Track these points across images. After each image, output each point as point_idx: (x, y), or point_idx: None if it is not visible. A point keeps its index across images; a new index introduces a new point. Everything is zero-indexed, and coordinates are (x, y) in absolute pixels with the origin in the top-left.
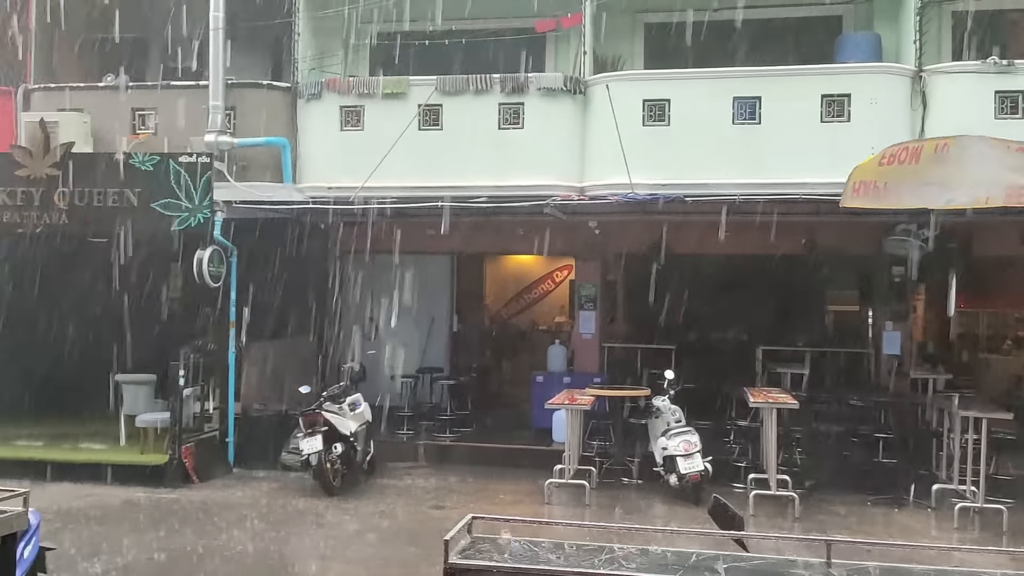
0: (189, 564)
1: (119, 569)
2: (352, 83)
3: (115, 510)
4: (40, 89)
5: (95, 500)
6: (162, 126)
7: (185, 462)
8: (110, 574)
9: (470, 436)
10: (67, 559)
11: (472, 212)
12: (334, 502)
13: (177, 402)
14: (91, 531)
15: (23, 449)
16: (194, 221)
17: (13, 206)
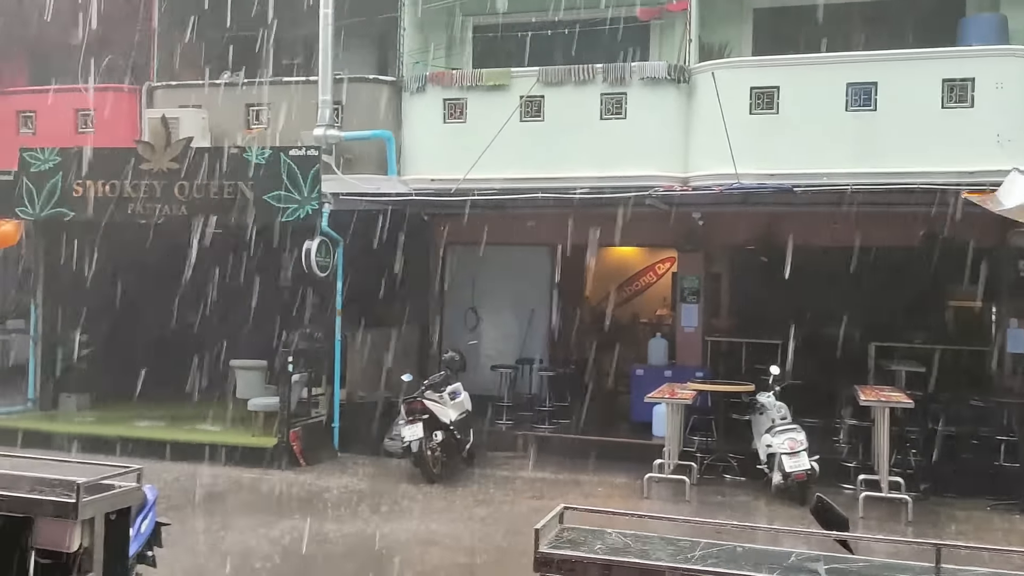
0: (296, 543)
1: (231, 545)
2: (455, 76)
3: (227, 489)
4: (162, 87)
5: (208, 479)
6: (275, 121)
7: (293, 446)
8: (223, 550)
9: (569, 428)
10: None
11: (573, 204)
12: (434, 489)
13: (286, 388)
14: (207, 507)
15: (145, 429)
16: (303, 213)
17: (137, 198)
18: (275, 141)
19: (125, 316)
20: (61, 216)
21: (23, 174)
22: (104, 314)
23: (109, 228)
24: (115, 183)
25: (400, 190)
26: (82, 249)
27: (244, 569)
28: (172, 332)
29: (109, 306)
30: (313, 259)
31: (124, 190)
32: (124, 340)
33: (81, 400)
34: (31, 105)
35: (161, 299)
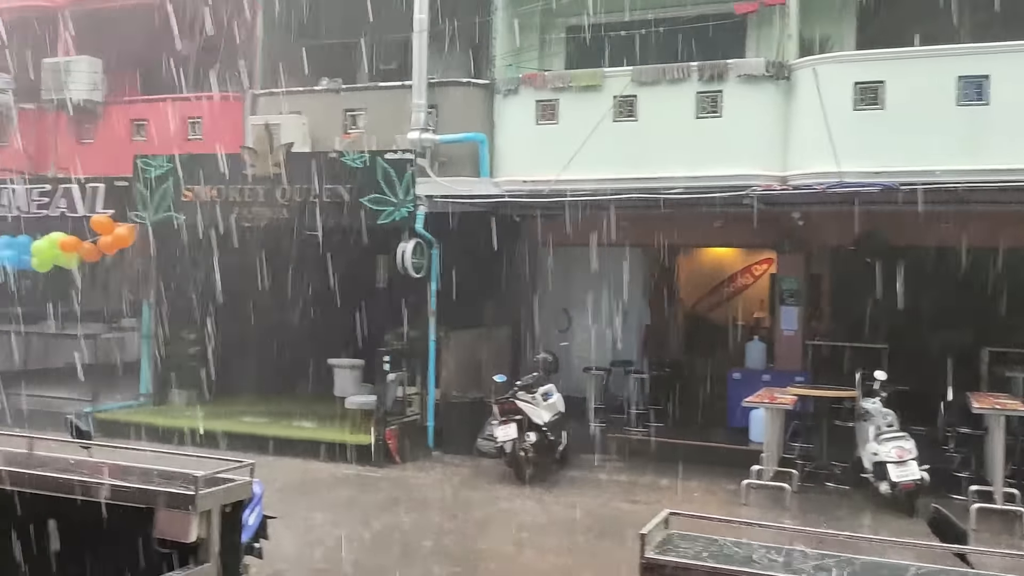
0: (392, 538)
1: (332, 539)
2: (547, 77)
3: (327, 484)
4: (265, 94)
5: (310, 474)
6: (371, 125)
7: (388, 443)
8: (324, 544)
9: (663, 431)
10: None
11: (667, 204)
12: (527, 490)
13: (382, 387)
14: (307, 502)
15: (249, 425)
16: (398, 215)
17: (242, 202)
18: (371, 145)
19: (230, 316)
20: (171, 220)
21: (137, 180)
22: (210, 314)
23: (215, 231)
24: (221, 188)
25: (493, 192)
26: (191, 251)
27: (343, 563)
28: (274, 331)
29: (215, 306)
30: (408, 260)
31: (229, 195)
32: (229, 339)
33: (189, 395)
34: (144, 114)
35: (264, 299)
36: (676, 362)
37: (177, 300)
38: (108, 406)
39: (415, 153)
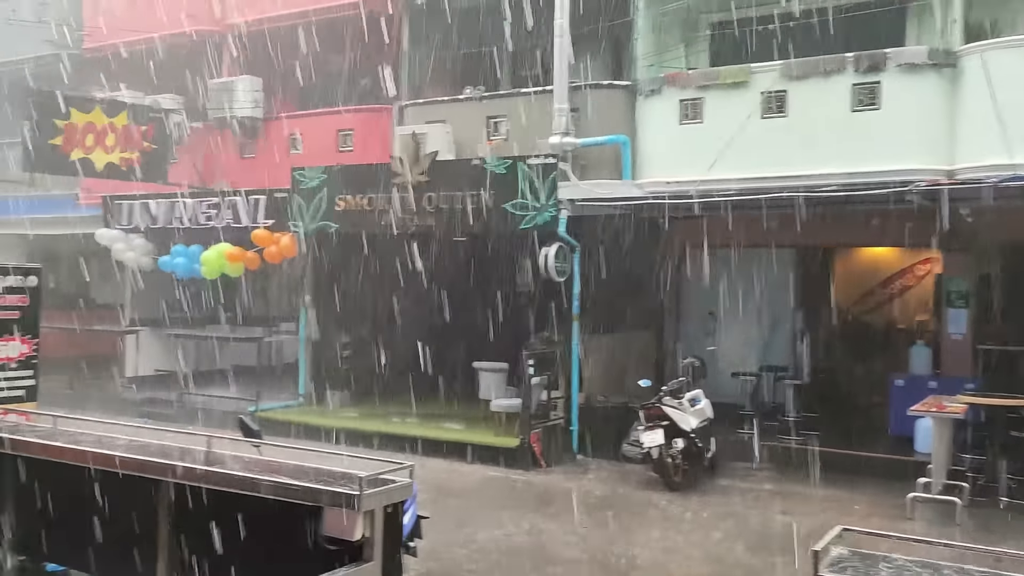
0: (540, 542)
1: (481, 540)
2: (692, 76)
3: (475, 486)
4: (411, 105)
5: (457, 475)
6: (513, 131)
7: (534, 447)
8: (473, 545)
9: (818, 440)
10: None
11: (819, 202)
12: (674, 497)
13: (526, 390)
14: (456, 503)
15: (399, 426)
16: (541, 219)
17: (391, 210)
18: (513, 151)
19: (380, 320)
20: (326, 228)
21: (294, 191)
22: (363, 318)
23: (366, 239)
24: (371, 197)
25: (636, 194)
26: (344, 259)
27: (492, 564)
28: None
29: (367, 311)
30: (551, 264)
31: (379, 203)
32: (379, 342)
33: (343, 397)
34: (299, 128)
35: (411, 304)
36: (831, 367)
37: (331, 305)
38: (269, 406)
39: (557, 157)
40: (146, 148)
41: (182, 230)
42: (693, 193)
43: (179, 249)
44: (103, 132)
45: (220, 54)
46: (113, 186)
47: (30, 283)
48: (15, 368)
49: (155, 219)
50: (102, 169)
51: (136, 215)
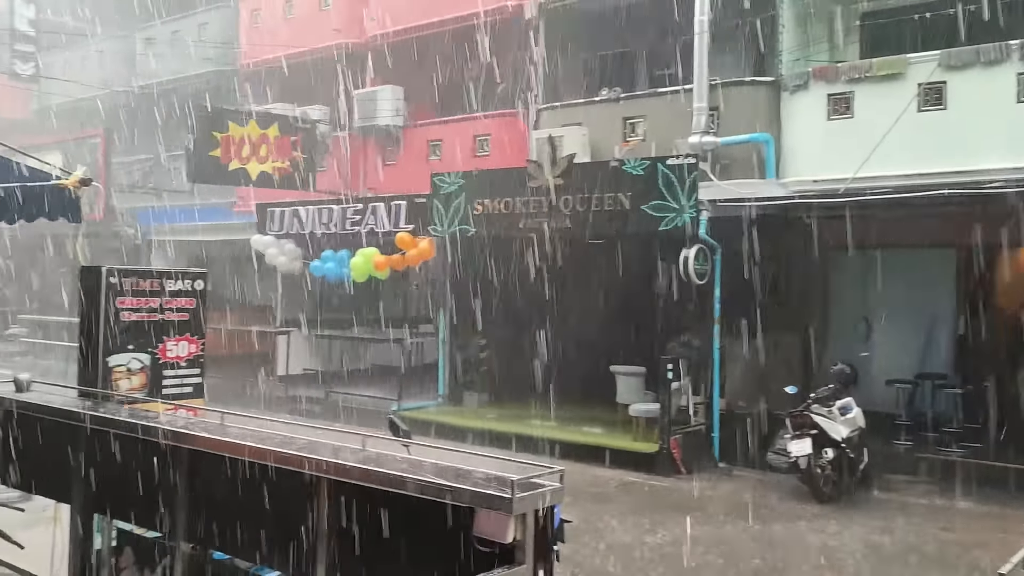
0: (683, 551)
1: (622, 546)
2: (841, 69)
3: (613, 491)
4: (546, 108)
5: (596, 480)
6: (650, 132)
7: (673, 453)
8: (616, 551)
9: (983, 453)
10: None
11: (982, 199)
12: (824, 510)
13: (665, 395)
14: (595, 508)
15: (537, 428)
16: (680, 221)
17: (527, 213)
18: (651, 152)
19: (516, 322)
20: (464, 232)
21: (434, 196)
22: (498, 320)
23: (503, 242)
24: (508, 200)
25: (780, 193)
26: (481, 261)
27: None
28: (557, 337)
29: (502, 313)
30: (691, 267)
31: (516, 207)
32: (516, 344)
33: (481, 398)
34: (438, 135)
35: (547, 306)
36: (998, 375)
37: (469, 307)
38: (410, 405)
39: (696, 157)
40: (296, 157)
41: (329, 235)
42: (843, 191)
43: (328, 254)
44: (257, 143)
45: (364, 65)
46: (265, 194)
47: (197, 286)
48: (184, 367)
49: (304, 225)
50: (256, 178)
51: (287, 221)
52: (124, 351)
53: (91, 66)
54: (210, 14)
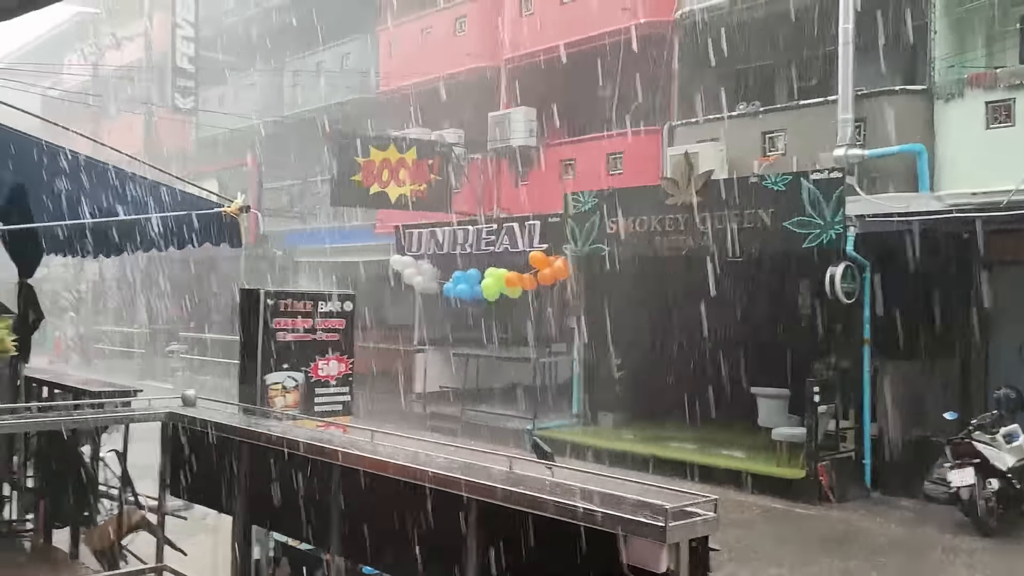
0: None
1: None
2: (999, 75)
3: (757, 518)
4: (681, 125)
5: (737, 506)
6: (790, 146)
7: (821, 479)
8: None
9: None
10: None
11: None
12: (988, 544)
13: (812, 418)
14: (738, 535)
15: (674, 450)
16: (826, 238)
17: (662, 232)
18: (792, 166)
19: (652, 341)
20: (598, 251)
21: (567, 215)
22: (633, 340)
23: (638, 261)
24: (643, 219)
25: (935, 207)
26: (616, 280)
27: None
28: (694, 357)
29: (637, 332)
30: (838, 285)
31: (651, 225)
32: (651, 364)
33: (616, 418)
34: (570, 154)
35: (684, 325)
36: None
37: (603, 326)
38: (546, 424)
39: (842, 171)
40: (432, 180)
41: (465, 255)
42: (1006, 204)
43: (459, 274)
44: (396, 167)
45: (497, 88)
46: (402, 215)
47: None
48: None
49: (441, 245)
50: (395, 201)
51: (424, 242)
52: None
53: (244, 98)
54: (351, 44)
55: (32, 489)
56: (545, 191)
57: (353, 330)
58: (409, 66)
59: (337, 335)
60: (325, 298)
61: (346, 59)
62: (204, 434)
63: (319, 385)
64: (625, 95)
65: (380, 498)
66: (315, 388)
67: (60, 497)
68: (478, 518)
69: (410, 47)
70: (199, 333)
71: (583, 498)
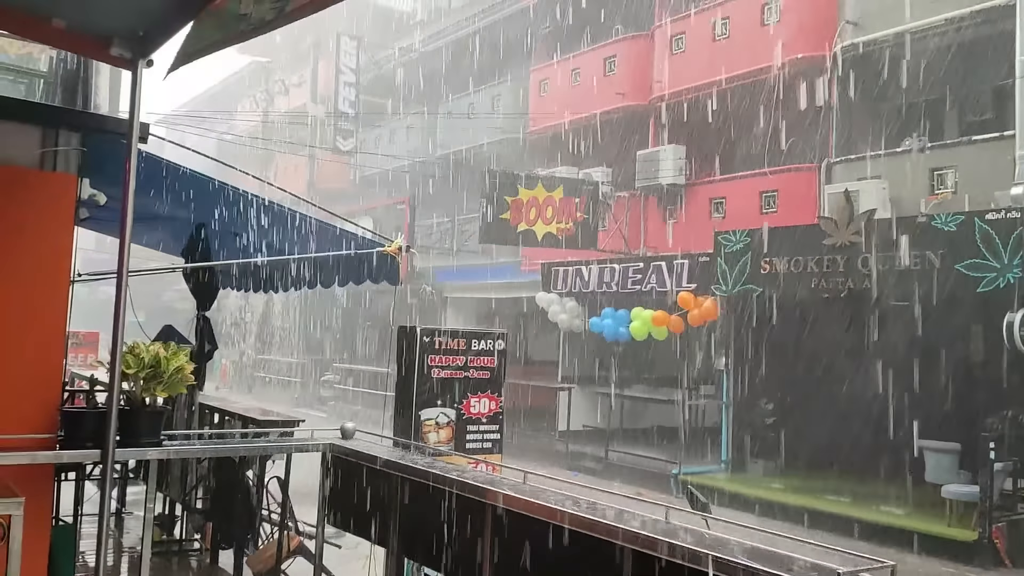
0: None
1: None
2: None
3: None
4: (840, 162)
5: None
6: (961, 184)
7: (996, 542)
8: None
9: None
10: None
11: None
12: None
13: (987, 476)
14: None
15: (831, 503)
16: (1002, 282)
17: (820, 272)
18: (964, 206)
19: (806, 387)
20: (750, 292)
21: (717, 255)
22: (787, 384)
23: (793, 302)
24: (799, 259)
25: None
26: (768, 322)
27: None
28: (852, 404)
29: (792, 377)
30: (1017, 332)
31: (808, 265)
32: (804, 410)
33: (767, 466)
34: (721, 192)
35: (842, 371)
36: None
37: (754, 369)
38: (692, 470)
39: (1021, 210)
40: (579, 218)
41: (610, 293)
42: None
43: (608, 312)
44: (544, 206)
45: (645, 126)
46: (548, 253)
47: (498, 347)
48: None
49: (587, 283)
50: (542, 239)
51: (570, 280)
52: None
53: (399, 140)
54: (503, 86)
55: (201, 511)
56: (693, 230)
57: (504, 369)
58: (559, 106)
59: (488, 373)
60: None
61: (497, 101)
62: (361, 466)
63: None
64: (779, 132)
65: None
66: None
67: (226, 520)
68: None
69: (561, 88)
70: (351, 364)
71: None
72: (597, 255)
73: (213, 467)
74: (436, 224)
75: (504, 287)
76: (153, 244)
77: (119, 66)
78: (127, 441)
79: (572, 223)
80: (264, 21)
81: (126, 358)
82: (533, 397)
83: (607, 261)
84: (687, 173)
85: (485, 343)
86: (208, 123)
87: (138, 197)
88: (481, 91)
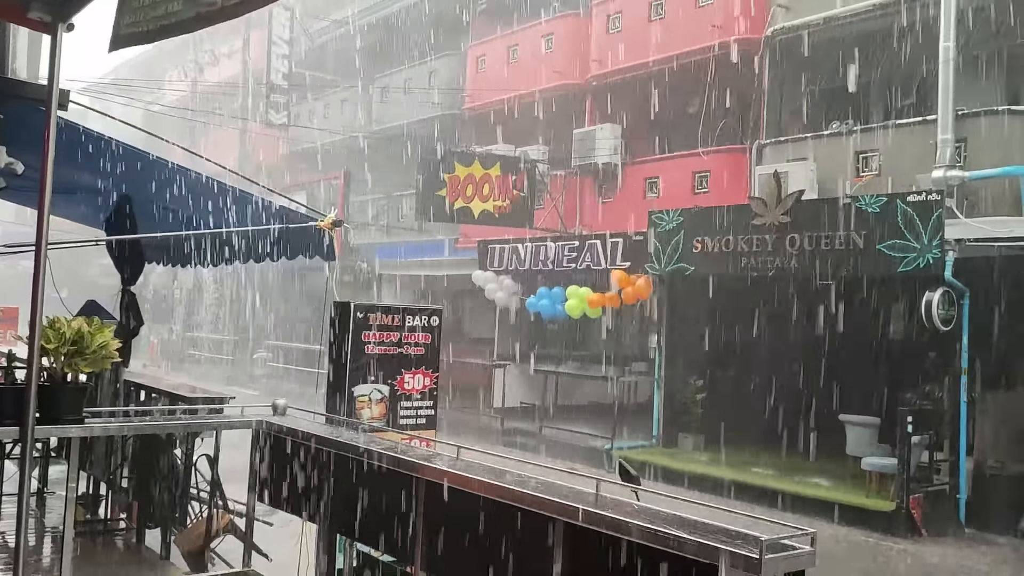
0: None
1: None
2: None
3: (845, 551)
4: (771, 144)
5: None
6: (885, 167)
7: (912, 512)
8: None
9: None
10: None
11: None
12: None
13: (905, 449)
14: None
15: (757, 476)
16: (922, 262)
17: (749, 252)
18: (886, 188)
19: (734, 364)
20: (682, 271)
21: (651, 234)
22: (715, 361)
23: (722, 281)
24: (729, 239)
25: None
26: (699, 301)
27: None
28: (777, 381)
29: (720, 354)
30: (935, 311)
31: (738, 245)
32: (732, 386)
33: (696, 441)
34: (655, 172)
35: (768, 349)
36: None
37: (684, 347)
38: (624, 444)
39: (941, 193)
40: (515, 196)
41: (546, 272)
42: None
43: (543, 291)
44: (480, 183)
45: (581, 105)
46: (485, 230)
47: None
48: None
49: (523, 261)
50: (478, 216)
51: (506, 258)
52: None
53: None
54: (439, 62)
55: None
56: (628, 209)
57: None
58: (495, 84)
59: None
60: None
61: (434, 76)
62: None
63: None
64: (712, 114)
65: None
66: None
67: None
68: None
69: (497, 65)
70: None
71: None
72: (533, 233)
73: (139, 445)
74: (372, 200)
75: (440, 264)
76: (75, 217)
77: (38, 30)
78: (47, 418)
79: (509, 201)
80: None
81: (46, 332)
82: (470, 375)
83: (543, 239)
84: (622, 153)
85: (420, 319)
86: (135, 92)
87: (58, 167)
88: (417, 66)
